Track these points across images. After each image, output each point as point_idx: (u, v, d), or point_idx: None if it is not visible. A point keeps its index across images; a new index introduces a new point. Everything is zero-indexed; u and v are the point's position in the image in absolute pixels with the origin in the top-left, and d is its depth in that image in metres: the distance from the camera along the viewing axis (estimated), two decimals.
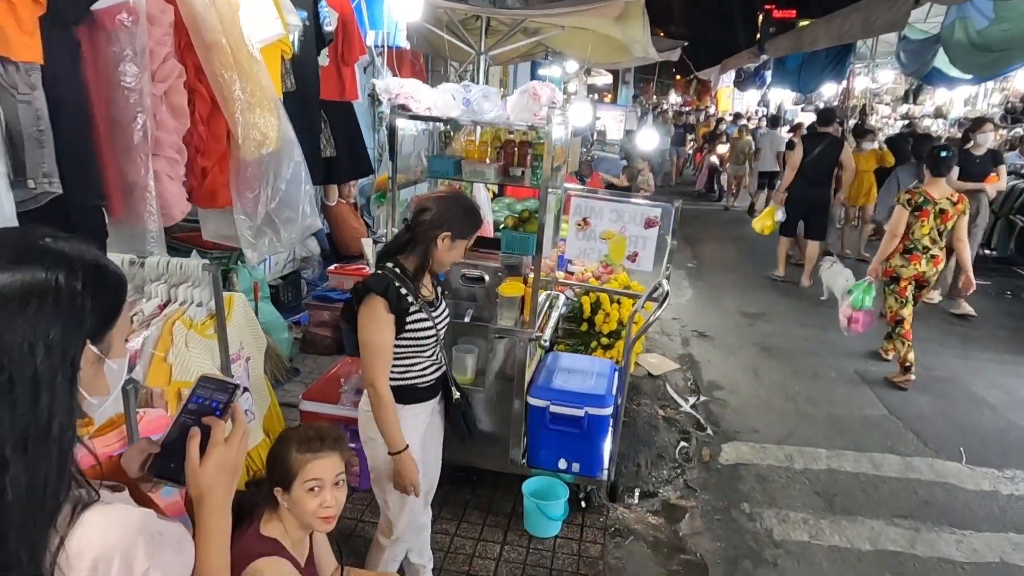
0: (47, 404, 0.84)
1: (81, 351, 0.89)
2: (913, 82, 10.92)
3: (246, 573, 1.73)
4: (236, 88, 1.54)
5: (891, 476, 3.86)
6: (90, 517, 0.88)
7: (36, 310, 0.83)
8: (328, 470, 1.81)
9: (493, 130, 3.55)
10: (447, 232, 2.20)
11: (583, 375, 3.41)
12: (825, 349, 5.72)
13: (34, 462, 0.82)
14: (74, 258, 0.89)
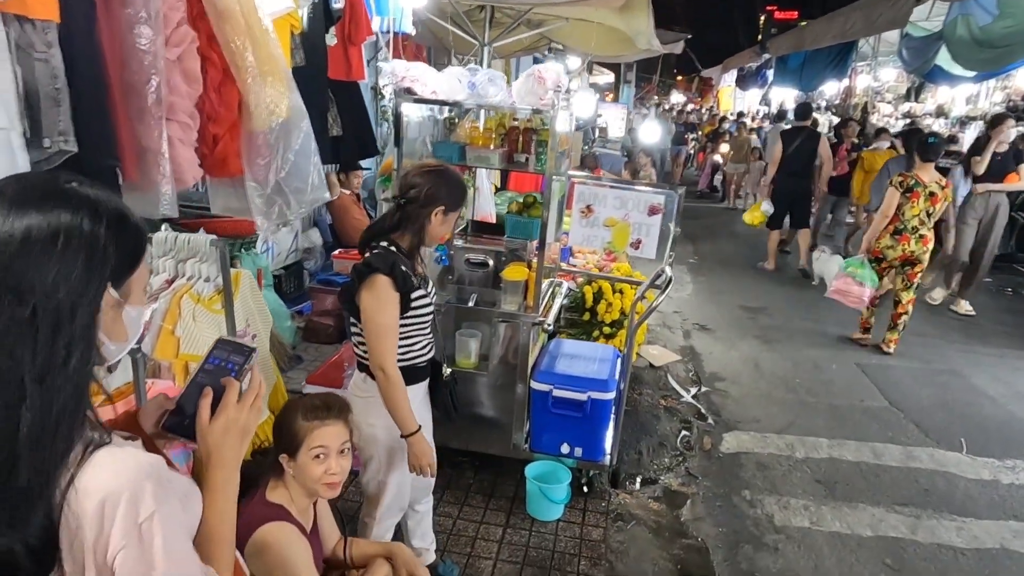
0: (67, 340, 0.86)
1: (102, 293, 0.91)
2: (915, 80, 10.94)
3: (254, 538, 1.75)
4: (248, 56, 1.55)
5: (892, 465, 3.88)
6: (101, 457, 0.89)
7: (62, 250, 0.85)
8: (333, 438, 1.82)
9: (498, 116, 3.57)
10: (440, 207, 2.18)
11: (586, 360, 3.42)
12: (826, 343, 5.73)
13: (50, 395, 0.84)
14: (99, 203, 0.91)
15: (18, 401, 0.82)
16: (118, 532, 0.88)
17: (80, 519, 0.86)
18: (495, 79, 2.92)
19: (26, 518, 0.83)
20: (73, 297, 0.86)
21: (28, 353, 0.82)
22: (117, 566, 0.88)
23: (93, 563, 0.88)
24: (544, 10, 5.17)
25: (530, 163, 3.37)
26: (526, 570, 2.85)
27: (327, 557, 2.05)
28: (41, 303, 0.83)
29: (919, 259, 5.18)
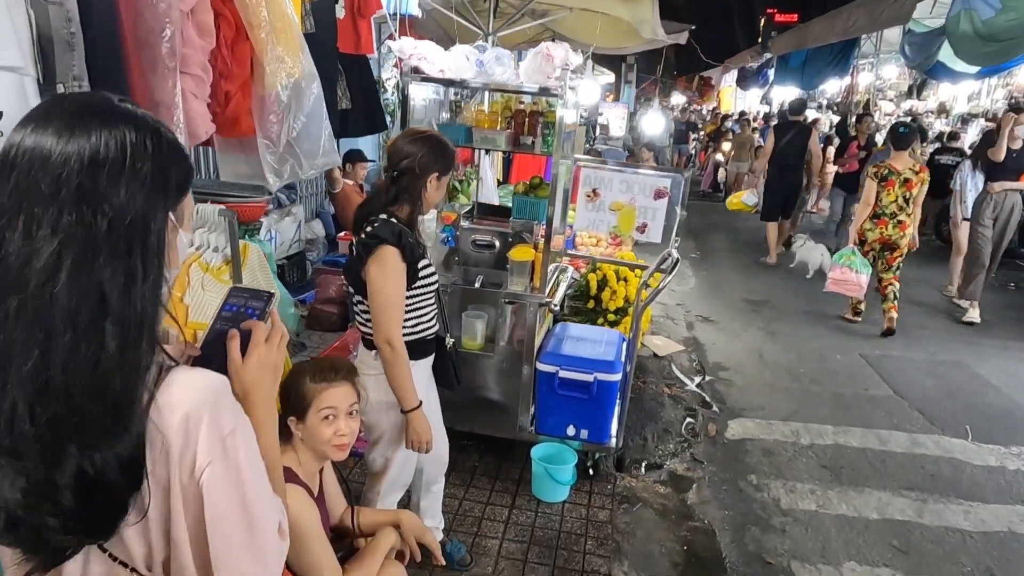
0: (142, 256, 0.86)
1: (168, 213, 0.91)
2: (917, 77, 10.94)
3: None
4: (262, 11, 1.55)
5: (897, 451, 3.86)
6: (178, 377, 0.91)
7: (131, 167, 0.85)
8: (342, 399, 1.82)
9: (504, 100, 3.57)
10: (435, 173, 2.15)
11: (592, 343, 3.41)
12: (829, 334, 5.73)
13: (132, 310, 0.85)
14: (158, 123, 0.92)
15: (102, 317, 0.82)
16: (203, 447, 0.89)
17: (166, 434, 0.87)
18: (502, 58, 2.91)
19: (118, 432, 0.84)
20: (145, 214, 0.86)
21: (108, 270, 0.82)
22: (205, 481, 0.89)
23: (179, 481, 0.89)
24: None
25: (536, 145, 3.37)
26: (532, 549, 2.84)
27: (334, 526, 2.04)
28: (116, 220, 0.83)
29: (897, 244, 5.55)
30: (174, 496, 0.89)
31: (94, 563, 0.94)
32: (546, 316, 3.56)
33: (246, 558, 0.95)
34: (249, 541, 0.95)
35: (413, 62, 2.90)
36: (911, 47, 8.62)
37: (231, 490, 0.92)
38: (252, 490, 0.95)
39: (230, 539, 0.93)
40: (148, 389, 0.87)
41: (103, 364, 0.83)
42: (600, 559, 2.80)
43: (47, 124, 0.84)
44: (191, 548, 0.92)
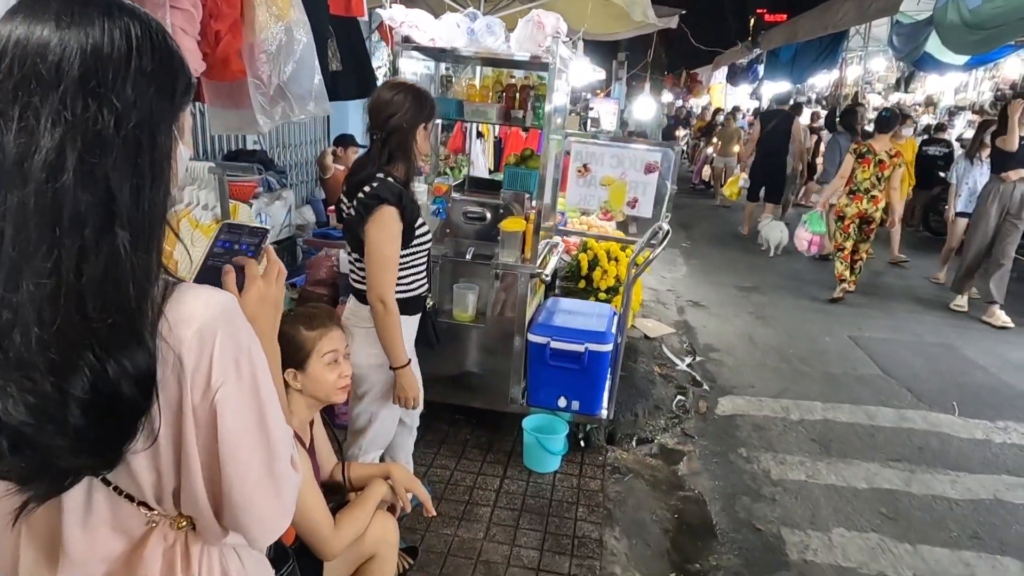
0: (150, 160, 0.81)
1: (174, 117, 0.86)
2: (904, 70, 11.03)
3: None
4: None
5: (886, 426, 3.90)
6: (187, 292, 0.86)
7: (137, 63, 0.80)
8: (340, 341, 1.82)
9: (495, 74, 3.58)
10: (422, 123, 2.14)
11: (583, 316, 3.42)
12: (819, 318, 5.76)
13: (141, 216, 0.80)
14: (160, 24, 0.86)
15: (111, 220, 0.77)
16: (218, 365, 0.85)
17: (178, 350, 0.83)
18: (493, 26, 2.92)
19: (131, 343, 0.79)
20: (152, 116, 0.81)
21: (116, 172, 0.77)
22: (219, 401, 0.85)
23: (191, 401, 0.85)
24: None
25: (527, 118, 3.38)
26: (524, 516, 2.84)
27: (325, 480, 2.04)
28: (123, 118, 0.78)
29: (872, 217, 6.07)
30: (186, 418, 0.85)
31: (98, 499, 0.90)
32: (537, 289, 3.57)
33: (264, 487, 0.89)
34: (267, 468, 0.90)
35: (404, 30, 2.90)
36: (899, 38, 8.68)
37: (247, 411, 0.88)
38: (270, 413, 0.91)
39: (246, 465, 0.88)
40: (155, 304, 0.82)
41: (115, 269, 0.78)
42: (591, 525, 2.81)
43: (42, 12, 0.78)
44: (203, 476, 0.87)
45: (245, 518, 0.89)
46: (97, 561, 0.91)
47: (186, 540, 0.94)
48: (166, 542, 0.93)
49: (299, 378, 1.83)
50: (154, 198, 0.81)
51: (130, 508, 0.91)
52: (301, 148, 6.94)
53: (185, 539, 0.94)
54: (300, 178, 6.99)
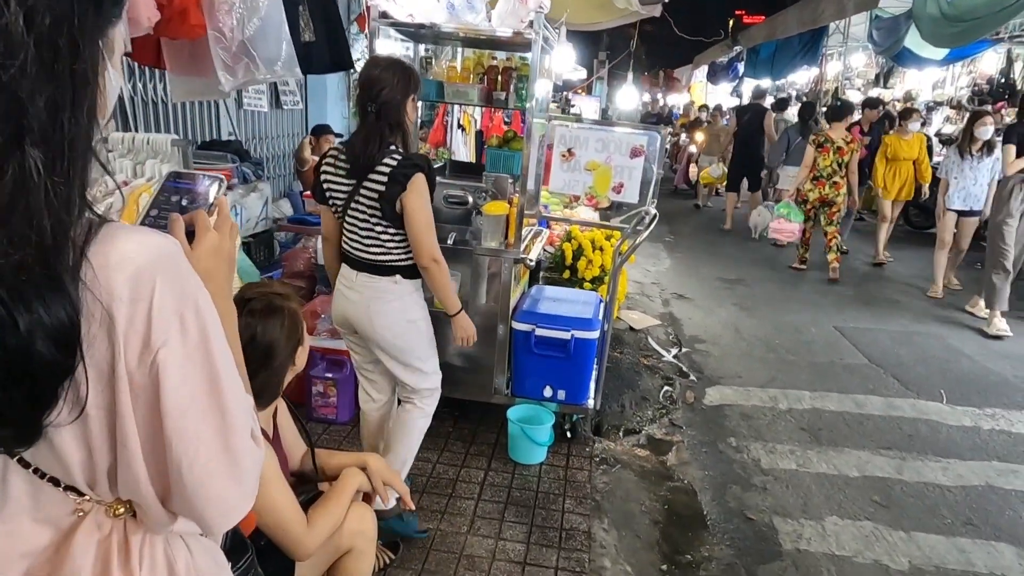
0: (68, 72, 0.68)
1: (102, 31, 0.74)
2: (884, 66, 11.10)
3: None
4: None
5: (875, 414, 3.85)
6: (118, 232, 0.72)
7: None
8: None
9: (476, 56, 3.48)
10: (411, 95, 2.23)
11: (569, 303, 3.33)
12: (804, 309, 5.73)
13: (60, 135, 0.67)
14: None
15: (20, 135, 0.64)
16: (157, 321, 0.71)
17: (105, 301, 0.69)
18: (474, 2, 2.81)
19: (47, 289, 0.65)
20: (72, 20, 0.67)
21: (27, 80, 0.64)
22: (161, 362, 0.71)
23: (124, 363, 0.71)
24: None
25: (509, 100, 3.29)
26: (509, 509, 2.74)
27: (295, 471, 1.91)
28: (35, 15, 0.65)
29: (833, 201, 6.55)
30: (119, 384, 0.71)
31: (14, 483, 0.76)
32: (522, 276, 3.48)
33: (219, 464, 0.76)
34: (222, 442, 0.76)
35: (381, 4, 2.78)
36: (878, 32, 8.73)
37: (196, 375, 0.74)
38: (224, 377, 0.76)
39: (196, 439, 0.74)
40: (76, 245, 0.68)
41: (24, 195, 0.64)
42: (579, 517, 2.71)
43: None
44: (144, 453, 0.73)
45: (198, 502, 0.76)
46: (16, 558, 0.76)
47: (124, 530, 0.80)
48: (100, 532, 0.79)
49: (300, 355, 1.73)
50: (75, 117, 0.68)
51: (55, 494, 0.77)
52: (278, 140, 6.79)
53: (124, 529, 0.80)
54: (278, 171, 6.84)
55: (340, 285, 2.44)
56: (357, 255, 2.34)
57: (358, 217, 2.29)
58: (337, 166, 2.30)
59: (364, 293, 2.35)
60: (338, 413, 3.26)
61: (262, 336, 1.63)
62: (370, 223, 2.28)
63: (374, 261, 2.32)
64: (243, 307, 1.67)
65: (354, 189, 2.27)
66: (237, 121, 6.07)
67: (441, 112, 6.47)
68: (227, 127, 5.93)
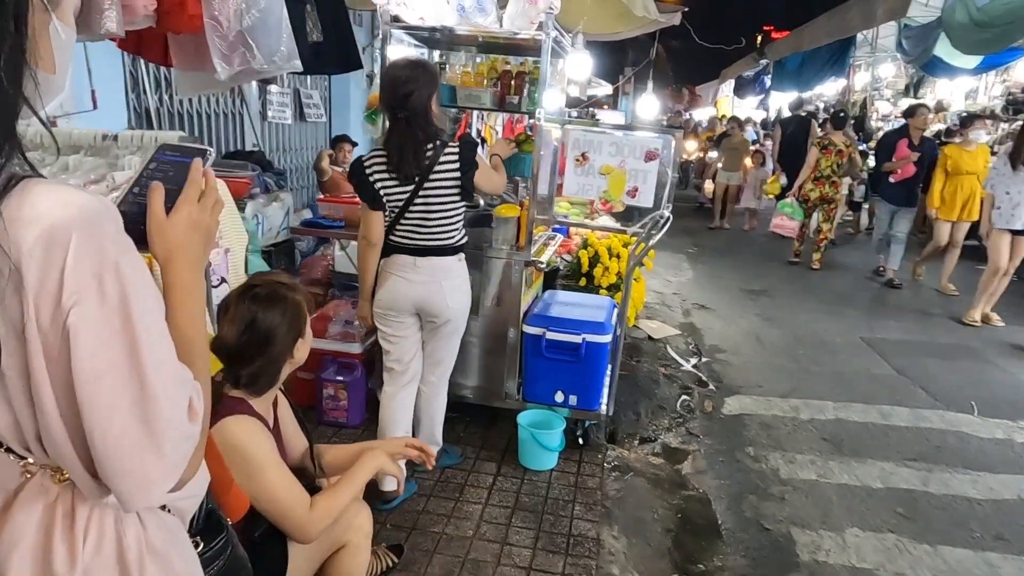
0: None
1: None
2: (914, 76, 10.90)
3: (214, 431, 1.60)
4: None
5: (901, 425, 3.72)
6: (38, 187, 0.70)
7: None
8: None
9: (490, 61, 3.48)
10: (435, 91, 2.36)
11: (581, 307, 3.29)
12: (829, 320, 5.59)
13: None
14: None
15: None
16: (71, 281, 0.68)
17: (17, 254, 0.66)
18: (484, 4, 2.82)
19: None
20: None
21: None
22: (72, 325, 0.68)
23: (35, 322, 0.68)
24: None
25: (522, 104, 3.29)
26: (517, 514, 2.69)
27: (293, 467, 1.90)
28: None
29: (833, 198, 7.22)
30: (31, 345, 0.68)
31: None
32: (535, 281, 3.45)
33: (134, 435, 0.72)
34: (139, 412, 0.72)
35: (392, 8, 2.80)
36: (908, 41, 8.58)
37: (112, 340, 0.71)
38: (148, 345, 0.73)
39: (109, 407, 0.71)
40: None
41: None
42: (588, 524, 2.65)
43: None
44: (62, 419, 0.71)
45: (112, 474, 0.72)
46: None
47: (72, 499, 0.78)
48: (46, 498, 0.77)
49: (299, 347, 1.72)
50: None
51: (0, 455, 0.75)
52: (301, 152, 6.89)
53: (71, 498, 0.78)
54: (300, 183, 6.93)
55: (396, 274, 2.52)
56: (423, 242, 2.49)
57: (428, 207, 2.44)
58: (389, 172, 2.40)
59: (434, 274, 2.51)
60: (349, 416, 3.25)
61: (262, 321, 1.63)
62: (445, 208, 2.46)
63: (445, 244, 2.51)
64: (247, 292, 1.68)
65: (417, 187, 2.40)
66: (261, 133, 6.17)
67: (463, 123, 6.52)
68: (251, 138, 6.03)
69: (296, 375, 3.42)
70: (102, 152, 2.16)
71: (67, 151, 2.21)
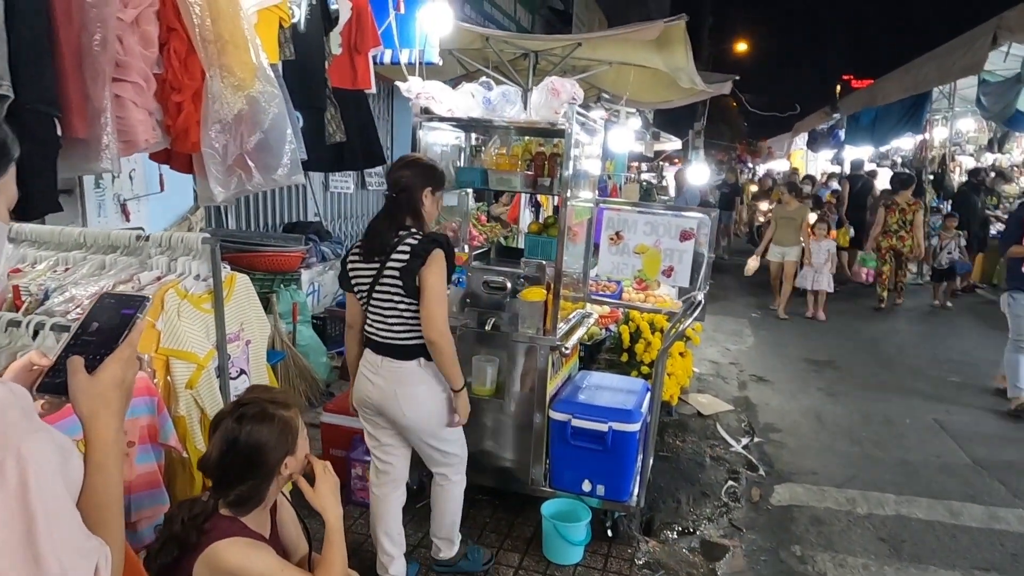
0: None
1: None
2: (997, 130, 10.34)
3: (203, 557, 1.61)
4: (208, 22, 1.56)
5: (972, 526, 3.38)
6: None
7: None
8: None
9: (524, 143, 3.54)
10: (428, 188, 2.39)
11: (612, 391, 3.20)
12: (899, 397, 5.22)
13: None
14: None
15: None
16: None
17: None
18: (509, 95, 2.89)
19: None
20: None
21: None
22: None
23: None
24: (586, 53, 5.21)
25: (554, 186, 3.29)
26: None
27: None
28: None
29: (901, 250, 8.10)
30: None
31: None
32: (566, 363, 3.39)
33: None
34: None
35: (422, 102, 2.91)
36: (987, 97, 8.18)
37: (9, 522, 0.74)
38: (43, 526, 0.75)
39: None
40: None
41: None
42: None
43: None
44: None
45: None
46: None
47: None
48: None
49: (289, 465, 1.73)
50: None
51: None
52: (362, 220, 7.15)
53: None
54: None
55: (364, 370, 2.50)
56: (382, 338, 2.42)
57: (383, 298, 2.38)
58: (361, 253, 2.43)
59: (389, 379, 2.42)
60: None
61: (245, 442, 1.64)
62: (394, 301, 2.37)
63: (399, 343, 2.40)
64: (235, 411, 1.70)
65: (378, 272, 2.38)
66: (323, 202, 6.47)
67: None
68: (313, 208, 6.33)
69: (329, 452, 3.48)
70: (135, 252, 2.31)
71: (106, 250, 2.37)
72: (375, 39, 2.88)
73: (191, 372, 2.11)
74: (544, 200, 7.10)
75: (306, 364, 4.37)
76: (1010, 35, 6.23)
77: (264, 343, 2.48)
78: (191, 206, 4.20)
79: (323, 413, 3.49)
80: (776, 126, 21.99)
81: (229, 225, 5.01)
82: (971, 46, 7.05)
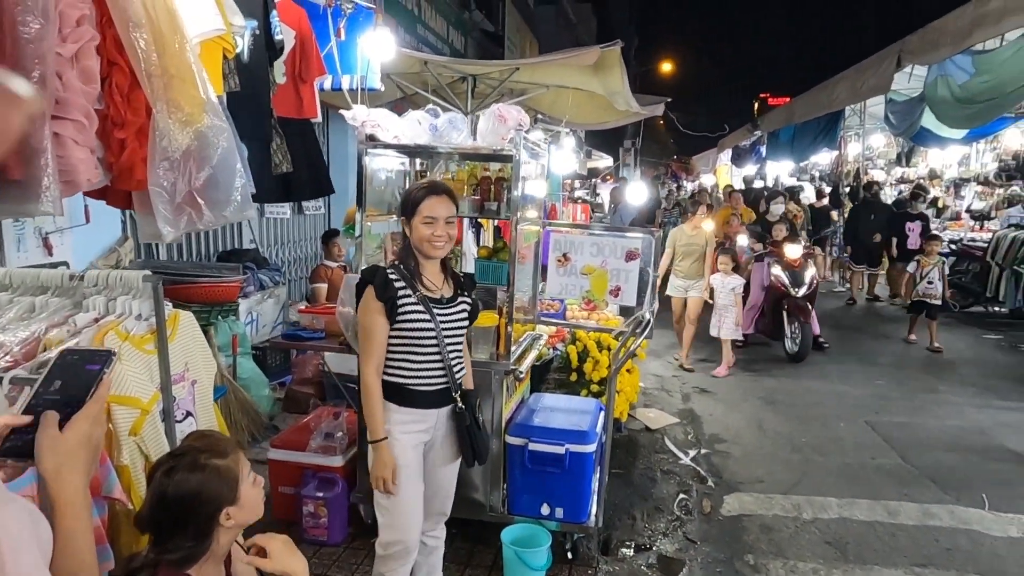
0: None
1: None
2: (905, 145, 11.06)
3: None
4: (153, 57, 1.50)
5: (909, 524, 3.55)
6: None
7: None
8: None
9: (470, 167, 3.54)
10: (401, 217, 2.32)
11: (566, 413, 3.22)
12: (832, 401, 5.46)
13: None
14: None
15: None
16: None
17: None
18: (456, 122, 2.89)
19: None
20: None
21: None
22: None
23: None
24: (524, 76, 5.28)
25: (501, 210, 3.31)
26: None
27: None
28: None
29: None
30: None
31: None
32: (518, 388, 3.39)
33: None
34: None
35: (367, 130, 2.88)
36: (894, 115, 8.74)
37: None
38: None
39: None
40: None
41: None
42: None
43: None
44: None
45: None
46: None
47: None
48: None
49: (233, 515, 1.63)
50: None
51: None
52: (300, 244, 6.98)
53: None
54: (299, 273, 6.99)
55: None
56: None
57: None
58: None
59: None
60: (329, 535, 3.15)
61: (174, 497, 1.53)
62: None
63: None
64: (164, 464, 1.58)
65: None
66: (259, 229, 6.28)
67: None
68: (249, 235, 6.14)
69: (278, 490, 3.36)
70: (68, 292, 2.18)
71: (35, 291, 2.23)
72: (320, 67, 2.84)
73: (134, 418, 2.00)
74: (485, 223, 7.13)
75: (248, 398, 4.21)
76: (912, 58, 6.69)
77: (211, 382, 2.37)
78: (119, 237, 4.01)
79: (270, 449, 3.37)
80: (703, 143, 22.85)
81: (160, 256, 4.79)
82: (878, 68, 7.54)
